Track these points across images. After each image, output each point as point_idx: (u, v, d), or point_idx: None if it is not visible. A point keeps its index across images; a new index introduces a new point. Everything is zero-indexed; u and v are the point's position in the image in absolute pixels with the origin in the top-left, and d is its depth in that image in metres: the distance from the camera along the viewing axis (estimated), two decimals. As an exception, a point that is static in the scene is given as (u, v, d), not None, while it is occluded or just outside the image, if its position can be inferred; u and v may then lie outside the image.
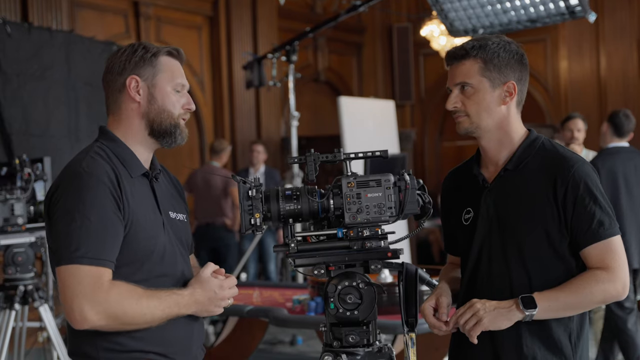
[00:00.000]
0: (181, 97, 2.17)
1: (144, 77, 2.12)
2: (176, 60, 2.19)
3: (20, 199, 4.34)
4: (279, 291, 5.20)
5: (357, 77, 12.27)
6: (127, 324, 1.98)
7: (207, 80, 9.81)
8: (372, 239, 2.06)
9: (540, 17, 5.26)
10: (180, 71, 2.19)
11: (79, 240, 1.93)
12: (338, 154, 2.10)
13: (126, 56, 2.13)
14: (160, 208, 2.14)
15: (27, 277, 4.48)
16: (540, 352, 2.15)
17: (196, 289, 2.07)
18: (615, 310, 5.20)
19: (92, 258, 1.93)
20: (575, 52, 10.99)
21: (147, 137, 2.15)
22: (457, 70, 2.22)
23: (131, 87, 2.12)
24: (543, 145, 2.23)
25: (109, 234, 1.97)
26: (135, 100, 2.12)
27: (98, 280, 1.93)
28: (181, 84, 2.17)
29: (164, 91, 2.13)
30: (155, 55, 2.14)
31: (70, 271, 1.93)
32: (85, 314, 1.92)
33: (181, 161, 8.78)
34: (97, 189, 1.98)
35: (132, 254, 2.03)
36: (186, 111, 2.18)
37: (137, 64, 2.12)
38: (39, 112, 6.52)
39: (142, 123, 2.14)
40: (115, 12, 8.76)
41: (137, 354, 2.04)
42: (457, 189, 2.36)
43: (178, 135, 2.16)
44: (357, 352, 2.08)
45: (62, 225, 1.96)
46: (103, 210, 1.96)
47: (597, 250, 2.11)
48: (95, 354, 2.03)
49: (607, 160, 5.22)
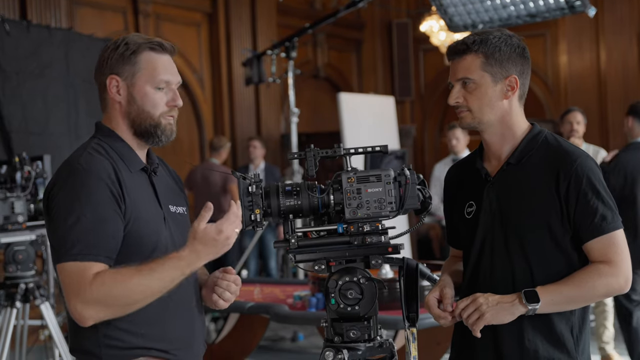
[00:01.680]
0: (165, 95, 2.09)
1: (123, 76, 2.06)
2: (162, 55, 2.10)
3: (21, 197, 4.34)
4: (280, 287, 5.21)
5: (357, 73, 12.26)
6: (125, 305, 1.93)
7: (207, 77, 9.80)
8: (373, 234, 2.06)
9: (540, 12, 5.25)
10: (165, 66, 2.10)
11: (74, 237, 1.92)
12: (338, 149, 2.10)
13: (109, 53, 2.08)
14: (161, 202, 2.12)
15: (28, 275, 4.48)
16: (542, 345, 2.15)
17: (194, 245, 1.95)
18: (623, 302, 5.21)
19: (86, 254, 1.92)
20: (575, 46, 10.98)
21: (132, 136, 2.11)
22: (458, 66, 2.21)
23: (111, 87, 2.07)
24: (546, 139, 2.23)
25: (105, 230, 1.95)
26: (116, 100, 2.08)
27: (82, 275, 1.91)
28: (164, 80, 2.08)
29: (143, 91, 2.06)
30: (135, 53, 2.06)
31: (66, 269, 1.93)
32: (79, 311, 1.91)
33: (182, 158, 8.77)
34: (95, 185, 1.96)
35: (135, 249, 2.01)
36: (171, 108, 2.11)
37: (117, 61, 2.06)
38: (38, 110, 6.51)
39: (125, 123, 2.10)
40: (114, 10, 8.75)
41: (139, 351, 2.03)
42: (460, 183, 2.36)
43: (161, 134, 2.10)
44: (359, 347, 2.09)
45: (59, 222, 1.95)
46: (100, 207, 1.94)
47: (600, 244, 2.11)
48: (97, 351, 2.02)
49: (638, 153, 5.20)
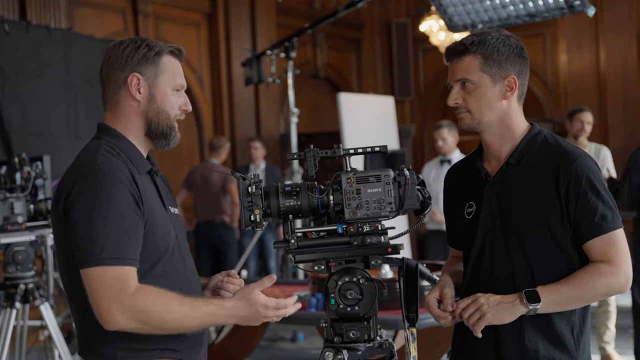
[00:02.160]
0: (179, 98, 2.15)
1: (146, 75, 2.10)
2: (177, 60, 2.17)
3: (20, 198, 4.34)
4: (280, 288, 5.20)
5: (356, 73, 12.26)
6: (156, 328, 1.95)
7: (206, 78, 9.80)
8: (372, 234, 2.05)
9: (539, 12, 5.25)
10: (180, 71, 2.17)
11: (102, 241, 1.91)
12: (337, 149, 2.10)
13: (129, 52, 2.10)
14: (165, 204, 2.13)
15: (28, 275, 4.48)
16: (542, 345, 2.15)
17: (240, 303, 2.00)
18: (638, 300, 5.21)
19: (116, 258, 1.91)
20: (574, 46, 10.98)
21: (143, 137, 2.13)
22: (457, 67, 2.22)
23: (132, 84, 2.09)
24: (545, 139, 2.23)
25: (130, 233, 1.95)
26: (136, 98, 2.10)
27: (124, 281, 1.91)
28: (181, 84, 2.16)
29: (164, 92, 2.11)
30: (159, 55, 2.11)
31: (97, 273, 1.91)
32: (114, 316, 1.90)
33: (181, 159, 8.78)
34: (115, 187, 1.96)
35: (151, 251, 2.02)
36: (182, 112, 2.16)
37: (140, 61, 2.09)
38: (38, 111, 6.51)
39: (140, 122, 2.12)
40: (114, 10, 8.75)
41: (155, 352, 2.03)
42: (460, 183, 2.36)
43: (172, 137, 2.15)
44: (358, 347, 2.08)
45: (82, 226, 1.93)
46: (122, 209, 1.95)
47: (600, 244, 2.11)
48: (112, 353, 2.01)
49: None
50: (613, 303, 5.67)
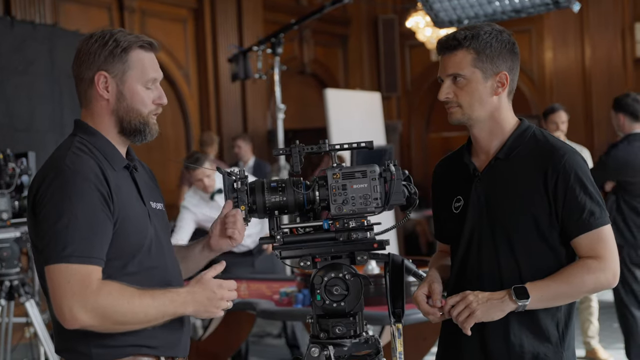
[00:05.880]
0: (152, 92, 2.09)
1: (113, 73, 2.04)
2: (149, 53, 2.10)
3: (5, 194, 4.32)
4: (266, 284, 5.19)
5: (343, 69, 12.25)
6: (119, 323, 1.94)
7: (193, 73, 9.77)
8: (358, 230, 2.05)
9: (524, 8, 5.26)
10: (153, 64, 2.10)
11: (67, 238, 1.89)
12: (323, 145, 2.10)
13: (96, 48, 2.05)
14: (144, 199, 2.11)
15: (13, 272, 4.46)
16: (527, 340, 2.16)
17: (194, 287, 2.01)
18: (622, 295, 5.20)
19: (81, 256, 1.90)
20: (560, 42, 11.02)
21: (117, 134, 2.10)
22: (449, 61, 2.20)
23: (99, 83, 2.05)
24: (534, 135, 2.23)
25: (97, 232, 1.93)
26: (104, 97, 2.06)
27: (87, 279, 1.90)
28: (153, 78, 2.09)
29: (133, 89, 2.06)
30: (126, 51, 2.05)
31: (59, 270, 1.90)
32: (75, 313, 1.89)
33: (167, 154, 8.75)
34: (83, 186, 1.94)
35: (123, 248, 2.00)
36: (157, 106, 2.11)
37: (107, 58, 2.04)
38: (23, 107, 6.48)
39: (111, 120, 2.08)
40: (99, 5, 8.70)
41: (130, 349, 2.02)
42: (448, 177, 2.36)
43: (147, 132, 2.10)
44: (344, 343, 2.08)
45: (49, 223, 1.92)
46: (90, 208, 1.93)
47: (588, 240, 2.12)
48: (87, 351, 2.00)
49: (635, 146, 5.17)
50: (595, 298, 5.69)
